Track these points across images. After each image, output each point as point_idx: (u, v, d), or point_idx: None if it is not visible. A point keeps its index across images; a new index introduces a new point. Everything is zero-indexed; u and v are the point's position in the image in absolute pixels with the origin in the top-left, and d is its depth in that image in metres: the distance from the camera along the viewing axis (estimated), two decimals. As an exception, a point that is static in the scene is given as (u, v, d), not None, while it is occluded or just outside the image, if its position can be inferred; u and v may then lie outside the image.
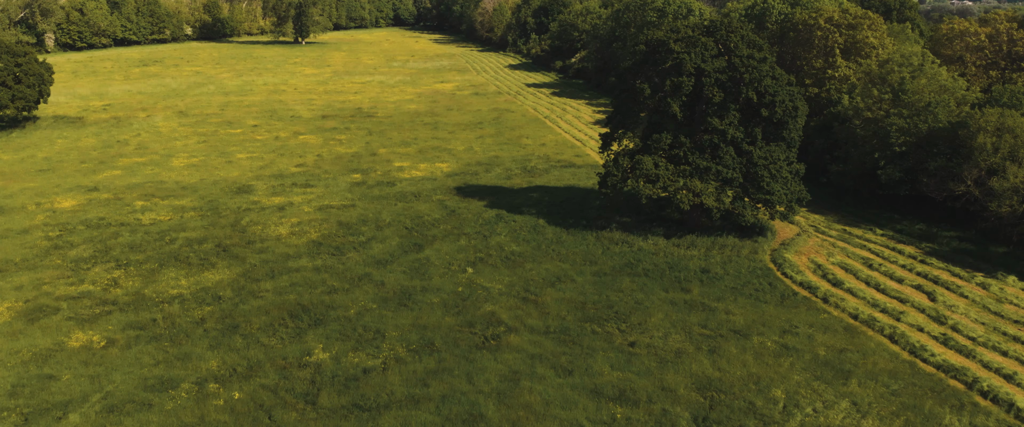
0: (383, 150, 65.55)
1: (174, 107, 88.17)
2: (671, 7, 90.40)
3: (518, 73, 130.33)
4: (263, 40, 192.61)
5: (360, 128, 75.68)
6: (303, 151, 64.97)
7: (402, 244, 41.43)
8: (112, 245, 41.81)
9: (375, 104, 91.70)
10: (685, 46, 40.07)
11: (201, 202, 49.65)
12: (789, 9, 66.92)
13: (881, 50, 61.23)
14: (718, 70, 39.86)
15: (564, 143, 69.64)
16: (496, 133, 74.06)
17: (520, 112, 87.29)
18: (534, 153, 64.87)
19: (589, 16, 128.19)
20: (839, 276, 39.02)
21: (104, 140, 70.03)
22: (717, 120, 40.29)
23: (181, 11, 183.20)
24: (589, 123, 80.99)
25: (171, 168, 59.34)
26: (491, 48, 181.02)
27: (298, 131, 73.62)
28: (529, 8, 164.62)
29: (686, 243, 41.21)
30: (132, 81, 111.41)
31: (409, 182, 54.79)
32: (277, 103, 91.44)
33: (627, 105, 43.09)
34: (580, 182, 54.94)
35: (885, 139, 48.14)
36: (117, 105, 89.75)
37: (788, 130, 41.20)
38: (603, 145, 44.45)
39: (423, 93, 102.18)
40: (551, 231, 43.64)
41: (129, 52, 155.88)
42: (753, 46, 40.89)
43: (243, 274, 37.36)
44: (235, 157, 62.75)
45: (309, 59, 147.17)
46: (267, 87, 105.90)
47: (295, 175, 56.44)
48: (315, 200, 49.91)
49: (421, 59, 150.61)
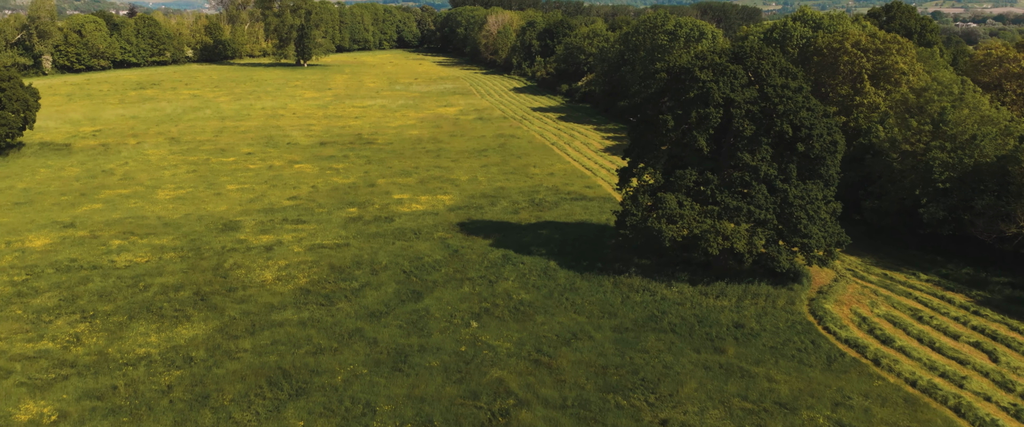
0: (382, 180, 61.83)
1: (167, 133, 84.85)
2: (682, 30, 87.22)
3: (523, 96, 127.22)
4: (265, 62, 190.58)
5: (359, 156, 72.08)
6: (297, 182, 61.26)
7: (399, 291, 37.42)
8: (80, 292, 37.88)
9: (376, 130, 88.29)
10: (712, 74, 36.37)
11: (183, 241, 45.80)
12: (811, 33, 63.48)
13: (912, 76, 57.59)
14: (749, 101, 36.11)
15: (573, 172, 65.87)
16: (502, 161, 70.38)
17: (526, 138, 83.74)
18: (542, 184, 61.07)
19: (596, 39, 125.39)
20: (888, 331, 34.83)
21: (89, 169, 66.49)
22: (748, 155, 36.45)
23: (182, 33, 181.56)
24: (599, 150, 77.32)
25: (155, 201, 55.63)
26: (495, 70, 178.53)
27: (293, 159, 70.03)
28: (534, 31, 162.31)
29: (715, 291, 37.12)
30: (127, 105, 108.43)
31: (409, 217, 50.94)
32: (274, 129, 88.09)
33: (647, 137, 39.29)
34: (593, 217, 51.02)
35: (926, 174, 44.21)
36: (108, 131, 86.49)
37: (826, 167, 37.33)
38: (621, 181, 40.59)
39: (425, 118, 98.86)
40: (563, 275, 39.61)
41: (127, 74, 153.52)
42: (786, 74, 37.18)
43: (220, 329, 33.34)
44: (225, 189, 59.06)
45: (310, 82, 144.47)
46: (265, 112, 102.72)
47: (287, 209, 52.65)
48: (306, 238, 46.03)
49: (424, 82, 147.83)
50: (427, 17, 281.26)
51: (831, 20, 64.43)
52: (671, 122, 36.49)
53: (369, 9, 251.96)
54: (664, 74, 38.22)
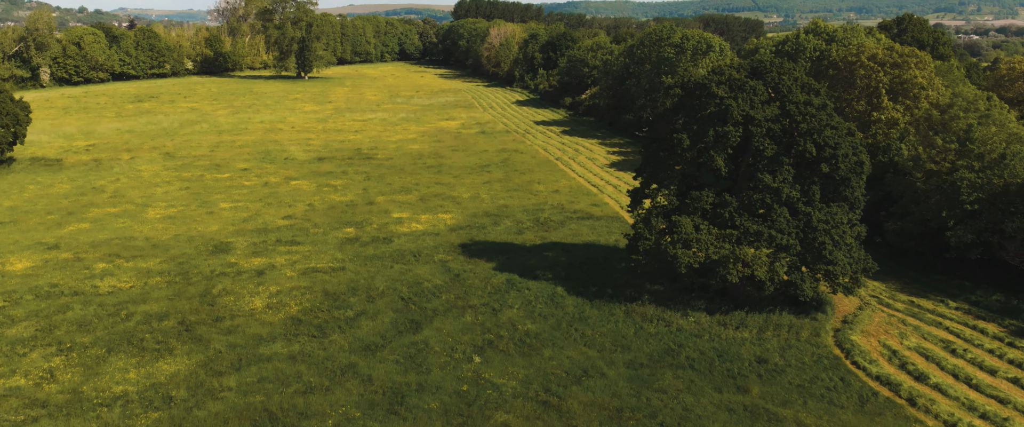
0: (381, 198, 59.65)
1: (161, 148, 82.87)
2: (689, 43, 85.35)
3: (526, 109, 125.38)
4: (265, 74, 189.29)
5: (358, 172, 69.98)
6: (293, 199, 59.11)
7: (396, 321, 35.10)
8: (58, 322, 35.61)
9: (376, 144, 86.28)
10: (730, 90, 34.25)
11: (170, 264, 43.56)
12: (824, 46, 61.43)
13: (931, 91, 55.49)
14: (770, 119, 33.95)
15: (579, 189, 63.68)
16: (505, 177, 68.24)
17: (529, 153, 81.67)
18: (547, 202, 58.86)
19: (599, 52, 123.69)
20: (920, 367, 32.42)
21: (79, 186, 64.41)
22: (769, 177, 34.23)
23: (182, 45, 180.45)
24: (604, 166, 75.18)
25: (145, 220, 53.47)
26: (498, 83, 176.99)
27: (290, 176, 67.93)
28: (537, 43, 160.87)
29: (734, 321, 34.77)
30: (123, 118, 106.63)
31: (408, 238, 48.70)
32: (272, 143, 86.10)
33: (660, 156, 37.11)
34: (601, 238, 48.75)
35: (953, 195, 41.94)
36: (102, 145, 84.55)
37: (851, 188, 35.10)
38: (632, 202, 38.36)
39: (427, 132, 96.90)
40: (572, 303, 37.29)
41: (126, 87, 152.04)
42: (809, 91, 35.05)
43: (204, 364, 31.02)
44: (217, 207, 56.90)
45: (310, 95, 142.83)
46: (263, 125, 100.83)
47: (281, 230, 50.45)
48: (300, 261, 43.78)
49: (426, 95, 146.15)
50: (429, 29, 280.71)
51: (845, 33, 62.44)
52: (686, 141, 34.32)
53: (371, 21, 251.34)
54: (678, 90, 36.11)
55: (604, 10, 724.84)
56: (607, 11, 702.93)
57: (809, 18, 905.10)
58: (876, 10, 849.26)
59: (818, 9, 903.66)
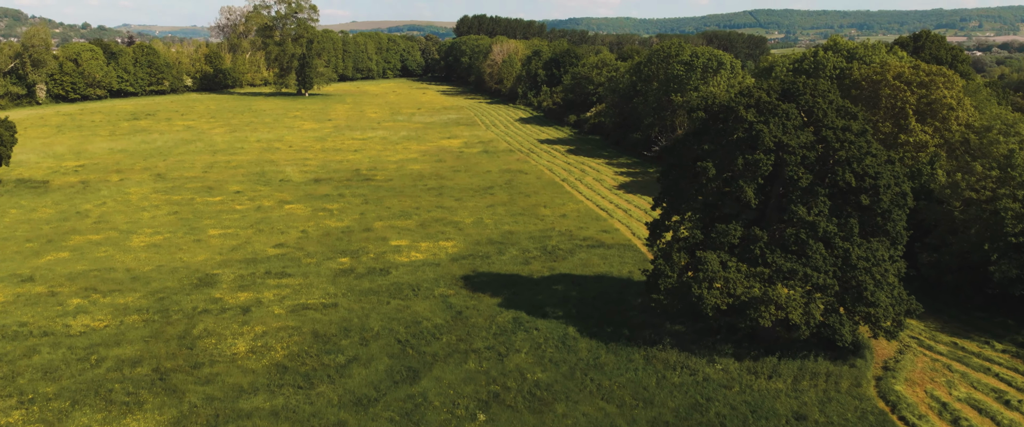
0: (379, 224, 56.54)
1: (153, 169, 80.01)
2: (699, 60, 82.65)
3: (529, 127, 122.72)
4: (266, 91, 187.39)
5: (355, 195, 66.95)
6: (286, 225, 56.01)
7: (392, 369, 31.81)
8: (22, 368, 32.37)
9: (375, 164, 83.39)
10: (760, 114, 31.21)
11: (150, 300, 40.36)
12: (845, 64, 58.55)
13: (960, 112, 52.49)
14: (804, 146, 30.87)
15: (587, 213, 60.55)
16: (509, 200, 65.17)
17: (534, 173, 78.70)
18: (554, 227, 55.71)
19: (604, 69, 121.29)
20: (974, 423, 29.04)
21: (62, 211, 61.41)
22: (803, 209, 31.07)
23: (181, 62, 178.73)
24: (613, 188, 72.11)
25: (127, 249, 50.36)
26: (500, 100, 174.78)
27: (284, 199, 64.89)
28: (540, 60, 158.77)
29: (767, 369, 31.43)
30: (117, 137, 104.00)
31: (407, 269, 45.50)
32: (268, 164, 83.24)
33: (680, 185, 33.99)
34: (613, 269, 45.51)
35: (996, 226, 38.75)
36: (91, 166, 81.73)
37: (893, 222, 31.92)
38: (651, 235, 35.17)
39: (428, 151, 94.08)
40: (585, 346, 33.99)
41: (123, 104, 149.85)
42: (846, 115, 32.01)
43: (176, 421, 27.71)
44: (206, 234, 53.81)
45: (310, 112, 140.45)
46: (260, 145, 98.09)
47: (271, 260, 47.28)
48: (290, 296, 40.56)
49: (427, 112, 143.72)
50: (431, 46, 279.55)
51: (866, 50, 59.62)
52: (712, 170, 31.21)
53: (373, 38, 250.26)
54: (702, 113, 33.09)
55: (605, 27, 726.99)
56: (608, 28, 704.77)
57: (810, 34, 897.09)
58: (878, 27, 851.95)
59: (819, 26, 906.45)
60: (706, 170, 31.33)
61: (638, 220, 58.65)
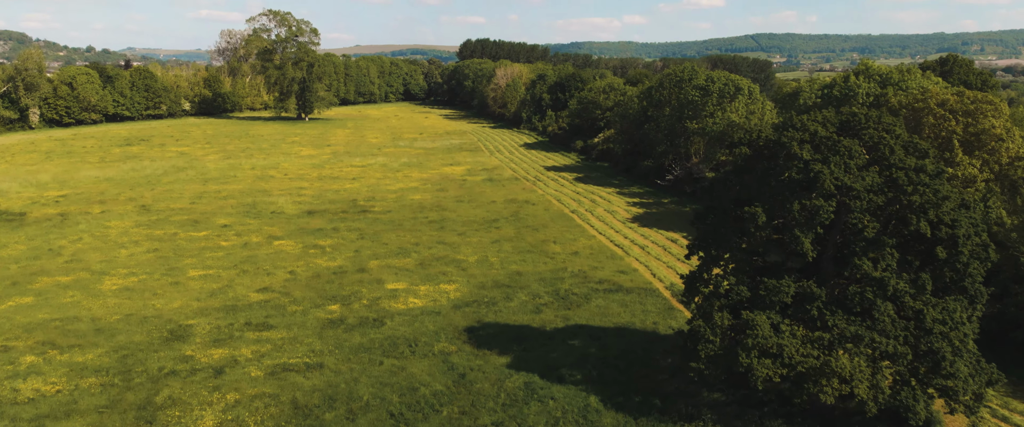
0: (374, 263, 51.83)
1: (139, 199, 75.63)
2: (715, 85, 78.54)
3: (535, 153, 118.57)
4: (265, 115, 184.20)
5: (351, 229, 62.35)
6: (274, 265, 51.32)
7: (385, 451, 26.86)
8: (-53, 446, 27.51)
9: (373, 194, 78.96)
10: (817, 151, 26.66)
11: (112, 358, 35.55)
12: (879, 90, 54.22)
13: (1010, 143, 47.97)
14: (871, 189, 26.25)
15: (601, 250, 55.80)
16: (516, 235, 60.50)
17: (542, 204, 74.15)
18: (566, 267, 50.92)
19: (612, 93, 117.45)
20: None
21: (35, 248, 56.84)
22: (869, 263, 26.36)
23: (180, 85, 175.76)
24: (626, 221, 67.43)
25: (97, 293, 45.65)
26: (504, 124, 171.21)
27: (274, 235, 60.28)
28: (545, 84, 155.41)
29: (828, 455, 26.45)
30: (106, 165, 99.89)
31: (404, 318, 40.68)
32: (260, 194, 78.84)
33: (720, 232, 29.33)
34: (635, 319, 40.62)
35: (1076, 274, 33.94)
36: (74, 196, 77.39)
37: (971, 278, 27.17)
38: (688, 289, 30.43)
39: (430, 179, 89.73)
40: (610, 422, 29.03)
41: (118, 129, 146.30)
42: (916, 152, 27.46)
43: (118, 526, 22.75)
44: (185, 275, 49.13)
45: (309, 137, 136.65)
46: (254, 172, 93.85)
47: (253, 307, 42.49)
48: (270, 354, 35.72)
49: (430, 137, 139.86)
50: (434, 70, 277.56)
51: (901, 75, 55.37)
52: (762, 217, 26.56)
53: (375, 62, 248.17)
54: (745, 148, 28.54)
55: (607, 51, 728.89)
56: (610, 52, 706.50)
57: (812, 58, 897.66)
58: (879, 50, 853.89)
59: (820, 50, 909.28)
60: (754, 217, 26.68)
61: (657, 258, 53.92)
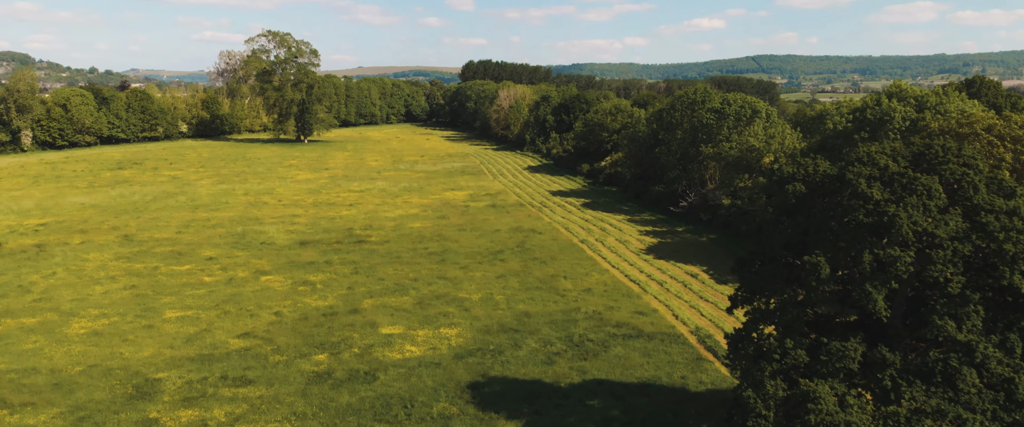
0: (369, 303, 47.46)
1: (123, 228, 71.53)
2: (731, 108, 74.72)
3: (539, 177, 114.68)
4: (264, 138, 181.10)
5: (345, 262, 58.09)
6: (259, 305, 46.96)
7: None
8: None
9: (370, 222, 74.83)
10: (889, 189, 22.46)
11: (67, 422, 31.10)
12: (916, 114, 50.22)
13: (1065, 170, 43.74)
14: (955, 236, 22.00)
15: (616, 287, 51.42)
16: (523, 269, 56.17)
17: (549, 233, 69.91)
18: (579, 307, 46.50)
19: (619, 115, 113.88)
20: None
21: (3, 284, 52.60)
22: (952, 323, 22.03)
23: (177, 107, 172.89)
24: (640, 251, 63.09)
25: (63, 339, 41.29)
26: (507, 146, 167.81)
27: (262, 269, 55.99)
28: (549, 105, 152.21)
29: None
30: (94, 190, 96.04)
31: (399, 371, 36.22)
32: (251, 222, 74.73)
33: (771, 283, 25.02)
34: (661, 373, 36.11)
35: None
36: (55, 225, 73.34)
37: (1073, 339, 22.79)
38: (732, 351, 26.04)
39: (430, 205, 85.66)
40: (641, 507, 24.45)
41: (111, 152, 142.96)
42: (1003, 192, 23.29)
43: None
44: (161, 317, 44.77)
45: (307, 161, 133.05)
46: (247, 198, 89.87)
47: (231, 357, 38.06)
48: (245, 416, 31.23)
49: (431, 160, 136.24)
50: (436, 91, 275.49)
51: (938, 98, 51.43)
52: (825, 269, 22.27)
53: (377, 83, 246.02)
54: (800, 185, 24.31)
55: (608, 72, 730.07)
56: (611, 73, 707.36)
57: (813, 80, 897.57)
58: (880, 72, 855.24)
59: (821, 71, 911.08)
60: (815, 268, 22.38)
61: (677, 295, 49.52)
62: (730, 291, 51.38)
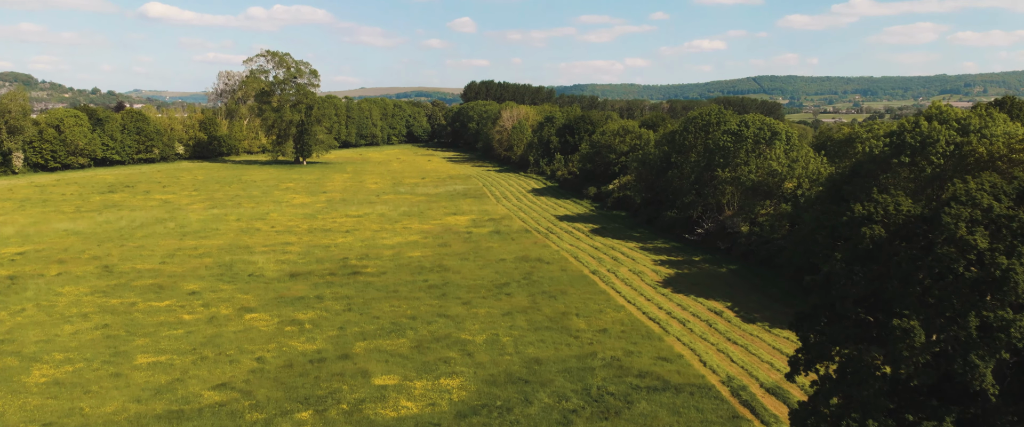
0: (361, 346, 42.98)
1: (104, 258, 67.29)
2: (749, 130, 70.77)
3: (544, 200, 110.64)
4: (262, 159, 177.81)
5: (338, 297, 53.72)
6: (240, 350, 42.50)
7: None
8: None
9: (367, 250, 70.57)
10: (996, 236, 18.19)
11: (-1, 498, 26.60)
12: (959, 137, 46.09)
13: None
14: (1082, 295, 17.66)
15: (634, 326, 46.94)
16: (530, 304, 51.76)
17: (557, 263, 65.58)
18: (596, 352, 41.98)
19: (627, 136, 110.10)
20: None
21: (-37, 321, 48.23)
22: (1079, 404, 17.58)
23: (174, 128, 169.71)
24: (656, 284, 58.69)
25: (20, 389, 36.84)
26: (510, 168, 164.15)
27: (247, 306, 51.60)
28: (553, 126, 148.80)
29: None
30: (80, 215, 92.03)
31: (395, 429, 31.69)
32: (241, 250, 70.50)
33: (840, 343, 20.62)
34: (691, 433, 31.53)
35: None
36: (33, 254, 69.13)
37: None
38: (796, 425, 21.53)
39: (431, 231, 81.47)
40: None
41: (104, 174, 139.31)
42: None
43: None
44: (131, 363, 40.32)
45: (304, 183, 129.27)
46: (239, 224, 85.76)
47: (204, 415, 33.55)
48: (214, 492, 26.67)
49: (432, 182, 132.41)
50: (438, 111, 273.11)
51: (982, 120, 47.38)
52: (920, 335, 17.91)
53: (378, 104, 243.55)
54: (879, 229, 20.06)
55: (609, 93, 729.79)
56: (612, 94, 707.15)
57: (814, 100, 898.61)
58: (881, 92, 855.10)
59: (822, 92, 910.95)
60: (908, 334, 18.01)
61: (702, 337, 45.03)
62: (758, 331, 46.89)
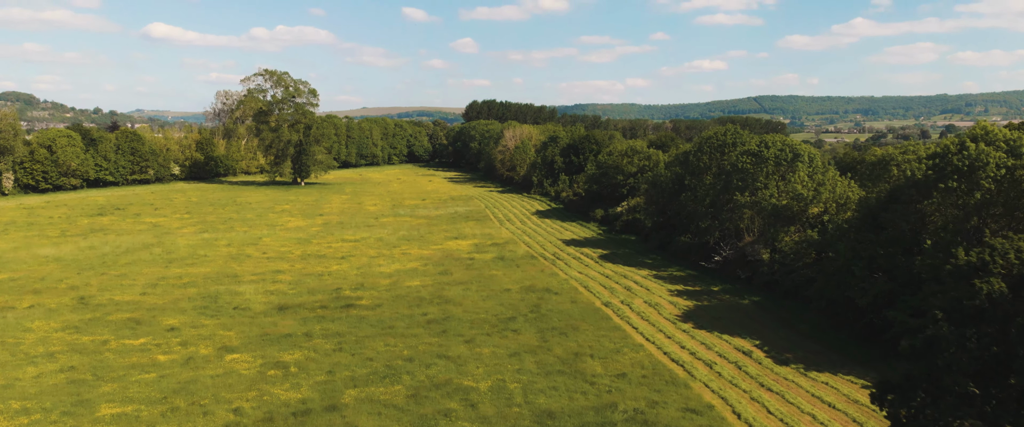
0: (351, 394, 38.41)
1: (82, 287, 62.93)
2: (770, 151, 66.66)
3: (549, 223, 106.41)
4: (259, 180, 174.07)
5: (329, 334, 49.22)
6: (216, 397, 37.94)
7: None
8: None
9: (363, 280, 66.17)
10: None
11: None
12: (1010, 160, 41.86)
13: None
14: None
15: (656, 370, 42.36)
16: (540, 344, 47.23)
17: (567, 293, 61.14)
18: (615, 402, 37.38)
19: (636, 156, 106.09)
20: None
21: (-85, 362, 43.74)
22: None
23: (170, 148, 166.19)
24: (675, 318, 54.16)
25: (-43, 447, 32.33)
26: (513, 188, 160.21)
27: (229, 344, 47.08)
28: (557, 146, 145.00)
29: None
30: (65, 240, 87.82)
31: (387, 503, 27.02)
32: (228, 280, 66.13)
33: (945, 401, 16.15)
34: (733, 508, 26.85)
35: None
36: (8, 283, 64.79)
37: None
38: None
39: (431, 257, 77.14)
40: None
41: (95, 195, 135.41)
42: None
43: None
44: (93, 415, 35.77)
45: (301, 205, 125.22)
46: (229, 250, 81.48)
47: (165, 483, 28.97)
48: None
49: (433, 203, 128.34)
50: (439, 131, 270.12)
51: (1034, 141, 43.18)
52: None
53: (378, 123, 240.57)
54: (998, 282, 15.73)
55: (610, 112, 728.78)
56: (613, 113, 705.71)
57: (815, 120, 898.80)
58: (883, 112, 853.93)
59: (823, 111, 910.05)
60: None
61: (732, 382, 40.44)
62: (793, 374, 42.29)
